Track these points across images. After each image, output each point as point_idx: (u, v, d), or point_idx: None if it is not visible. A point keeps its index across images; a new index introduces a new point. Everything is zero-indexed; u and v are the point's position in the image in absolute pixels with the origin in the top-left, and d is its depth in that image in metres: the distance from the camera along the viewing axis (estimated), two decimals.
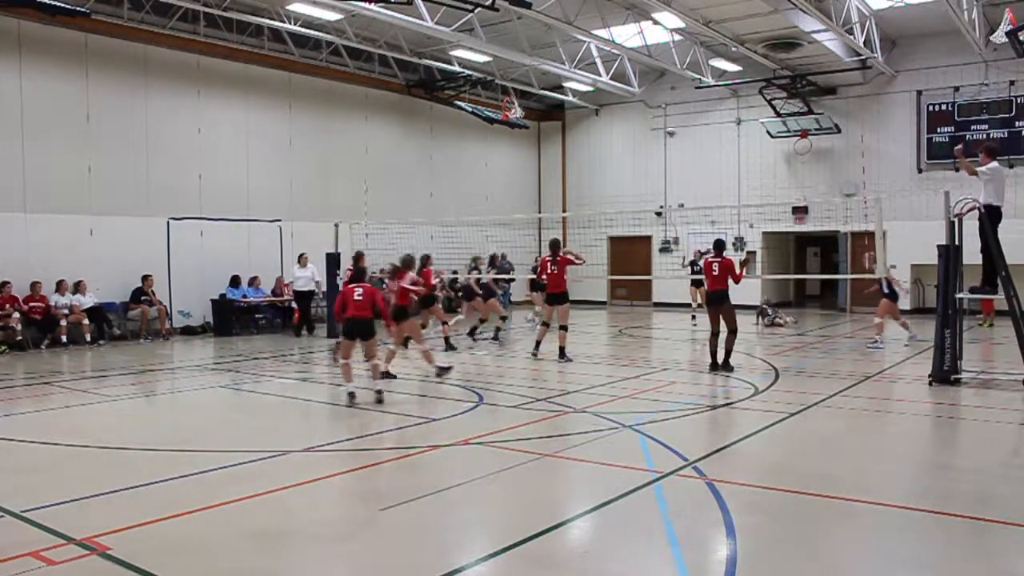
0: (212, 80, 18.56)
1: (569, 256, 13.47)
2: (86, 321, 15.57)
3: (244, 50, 19.00)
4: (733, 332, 11.62)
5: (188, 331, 17.66)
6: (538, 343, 13.44)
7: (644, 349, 15.62)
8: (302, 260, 17.89)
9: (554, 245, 13.64)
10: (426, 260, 13.86)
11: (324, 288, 17.86)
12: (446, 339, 14.59)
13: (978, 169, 10.21)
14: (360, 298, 9.68)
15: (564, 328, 13.06)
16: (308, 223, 19.81)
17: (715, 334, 11.74)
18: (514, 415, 8.67)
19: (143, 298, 16.65)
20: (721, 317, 11.63)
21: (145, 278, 16.67)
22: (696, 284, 19.54)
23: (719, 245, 12.17)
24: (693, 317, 19.72)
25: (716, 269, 11.72)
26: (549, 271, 13.19)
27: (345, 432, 8.40)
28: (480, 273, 17.22)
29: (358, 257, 13.37)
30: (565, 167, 27.76)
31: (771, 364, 12.41)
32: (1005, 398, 9.51)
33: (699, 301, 19.56)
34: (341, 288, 12.58)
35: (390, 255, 19.19)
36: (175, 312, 17.55)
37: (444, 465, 6.81)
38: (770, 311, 19.31)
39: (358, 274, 10.46)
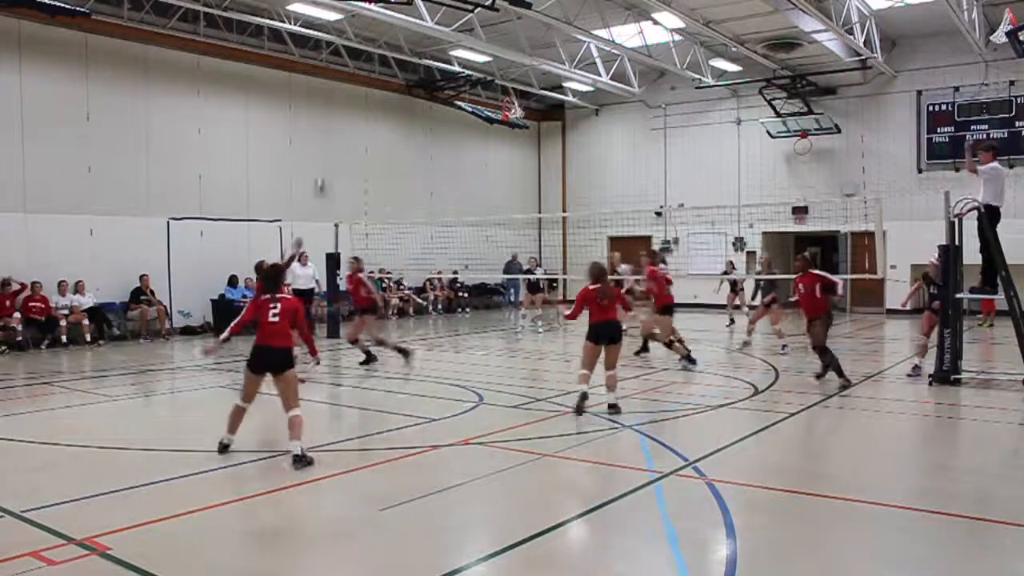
0: (212, 80, 18.56)
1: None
2: (86, 321, 15.57)
3: (244, 50, 19.00)
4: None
5: (188, 331, 17.66)
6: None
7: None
8: (303, 259, 17.76)
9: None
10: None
11: (324, 287, 17.79)
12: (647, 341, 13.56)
13: (979, 168, 10.20)
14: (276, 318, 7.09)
15: None
16: (308, 223, 19.79)
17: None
18: (514, 415, 8.67)
19: (142, 297, 16.65)
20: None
21: (142, 277, 16.67)
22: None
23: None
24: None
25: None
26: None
27: (345, 432, 8.40)
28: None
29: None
30: (565, 167, 27.75)
31: (771, 364, 12.41)
32: (1005, 398, 9.51)
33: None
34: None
35: (390, 255, 19.35)
36: (175, 312, 17.54)
37: (444, 465, 6.80)
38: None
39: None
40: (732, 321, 19.14)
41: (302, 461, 6.57)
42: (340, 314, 17.66)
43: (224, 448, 7.05)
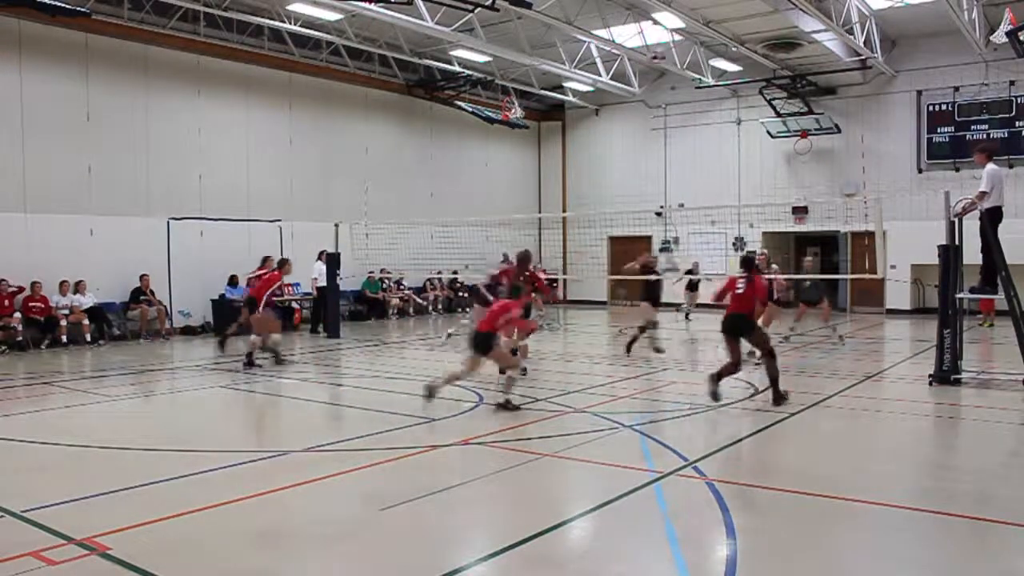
0: (212, 80, 18.56)
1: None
2: (86, 321, 15.57)
3: (244, 50, 19.00)
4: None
5: (188, 331, 17.66)
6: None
7: (644, 349, 15.59)
8: (324, 256, 17.94)
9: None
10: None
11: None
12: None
13: (981, 190, 10.09)
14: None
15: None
16: (308, 223, 19.80)
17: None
18: (514, 415, 8.67)
19: (142, 298, 16.65)
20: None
21: (142, 277, 16.67)
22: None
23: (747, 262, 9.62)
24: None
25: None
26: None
27: (345, 432, 8.40)
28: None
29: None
30: (565, 167, 27.76)
31: None
32: (1005, 398, 9.51)
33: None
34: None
35: (391, 255, 19.36)
36: (175, 312, 17.54)
37: (444, 465, 6.80)
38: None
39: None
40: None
41: (506, 407, 8.74)
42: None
43: (430, 392, 8.79)
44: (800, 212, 22.56)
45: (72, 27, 15.78)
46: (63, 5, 14.69)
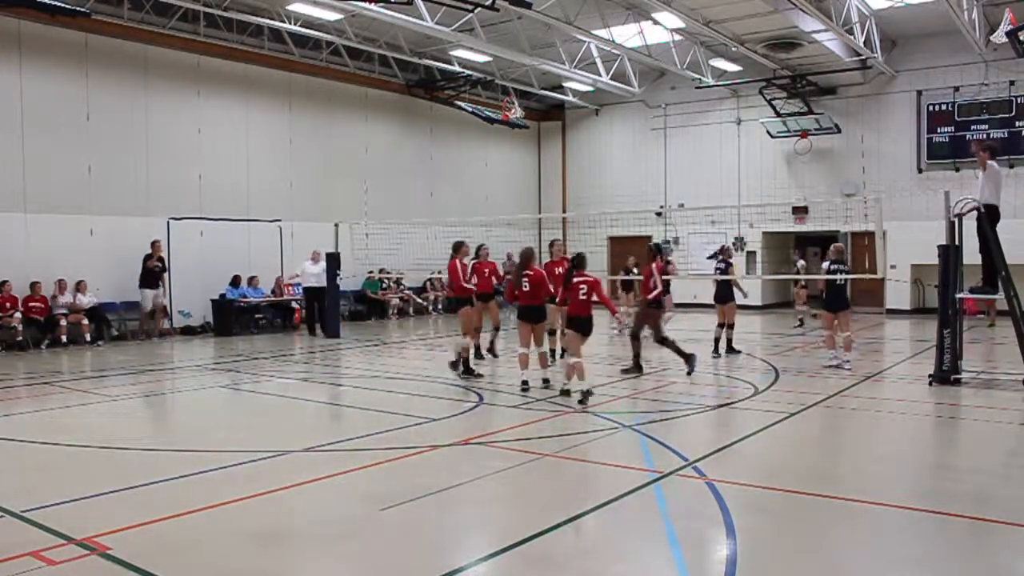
0: (212, 80, 18.56)
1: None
2: (86, 321, 15.57)
3: (244, 50, 19.00)
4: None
5: (188, 331, 17.66)
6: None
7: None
8: (315, 256, 17.92)
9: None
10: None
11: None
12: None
13: (987, 164, 10.21)
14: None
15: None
16: (308, 223, 19.80)
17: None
18: (514, 415, 8.67)
19: (155, 264, 16.34)
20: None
21: (154, 243, 16.50)
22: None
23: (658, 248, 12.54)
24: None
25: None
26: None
27: (345, 432, 8.40)
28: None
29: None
30: (565, 167, 27.75)
31: (771, 364, 12.41)
32: (1005, 398, 9.51)
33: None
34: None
35: (390, 255, 19.35)
36: (175, 312, 17.54)
37: (444, 465, 6.80)
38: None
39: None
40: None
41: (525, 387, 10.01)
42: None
43: (525, 385, 9.99)
44: (800, 212, 22.54)
45: (72, 27, 15.78)
46: (63, 5, 14.68)
